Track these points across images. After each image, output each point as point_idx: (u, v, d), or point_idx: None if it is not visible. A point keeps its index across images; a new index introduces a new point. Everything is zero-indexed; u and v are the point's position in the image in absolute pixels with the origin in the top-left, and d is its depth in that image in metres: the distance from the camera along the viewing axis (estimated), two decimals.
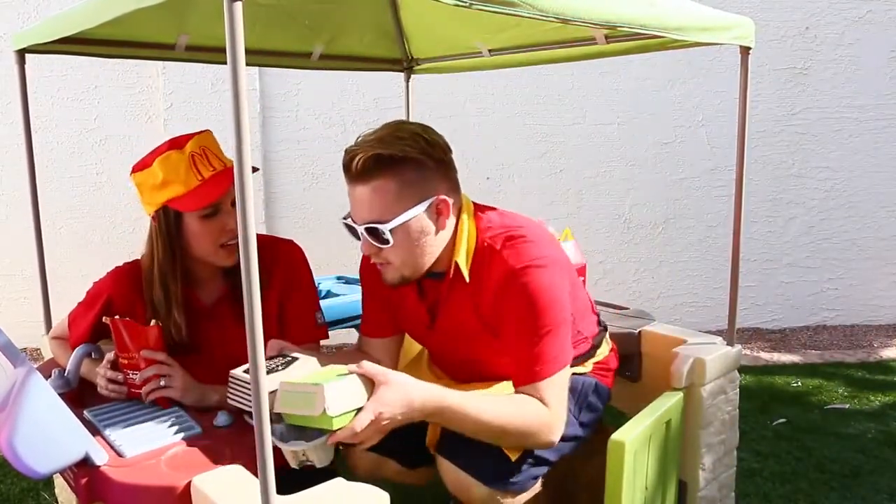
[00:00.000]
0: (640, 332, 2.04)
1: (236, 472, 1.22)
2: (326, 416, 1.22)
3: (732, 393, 1.95)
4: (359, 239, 1.48)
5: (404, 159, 1.40)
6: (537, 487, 1.54)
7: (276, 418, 1.29)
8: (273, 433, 1.25)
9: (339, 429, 1.24)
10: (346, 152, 1.43)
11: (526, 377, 1.44)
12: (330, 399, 1.23)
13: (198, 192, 1.52)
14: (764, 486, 2.38)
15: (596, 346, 1.75)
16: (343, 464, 1.72)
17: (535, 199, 3.97)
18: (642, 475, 1.68)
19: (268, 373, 1.30)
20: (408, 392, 1.31)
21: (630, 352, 2.02)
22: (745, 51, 1.84)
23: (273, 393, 1.28)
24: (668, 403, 1.76)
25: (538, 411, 1.42)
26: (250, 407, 1.31)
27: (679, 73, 3.97)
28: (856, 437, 2.76)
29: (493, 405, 1.40)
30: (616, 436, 1.59)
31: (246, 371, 1.36)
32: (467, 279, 1.51)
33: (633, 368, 2.04)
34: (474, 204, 1.60)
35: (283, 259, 1.71)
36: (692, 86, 3.99)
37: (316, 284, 1.91)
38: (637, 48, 1.98)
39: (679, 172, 4.09)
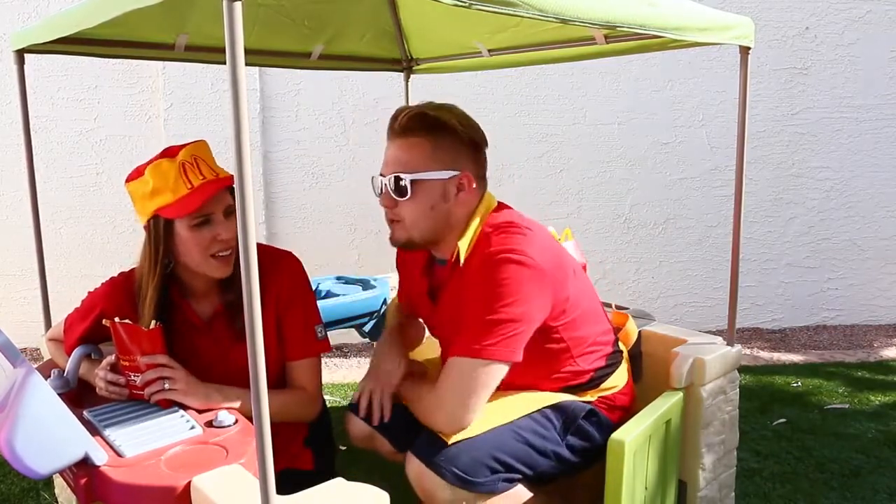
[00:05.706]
0: (640, 332, 2.03)
1: (236, 472, 1.22)
2: None
3: (732, 393, 1.95)
4: (380, 195, 1.58)
5: (445, 126, 1.55)
6: (517, 493, 1.54)
7: None
8: None
9: None
10: (395, 111, 1.56)
11: (461, 349, 1.47)
12: None
13: (185, 199, 1.51)
14: (764, 486, 2.38)
15: (597, 379, 1.72)
16: (342, 463, 1.73)
17: (535, 199, 3.97)
18: (642, 475, 1.68)
19: None
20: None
21: (630, 352, 2.02)
22: (745, 51, 1.84)
23: None
24: (667, 403, 1.76)
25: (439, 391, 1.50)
26: None
27: (679, 73, 3.97)
28: (856, 437, 2.76)
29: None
30: (616, 435, 1.59)
31: None
32: (461, 262, 1.56)
33: (634, 368, 2.04)
34: (499, 203, 1.65)
35: (283, 272, 1.69)
36: (692, 86, 3.99)
37: (315, 291, 1.92)
38: (637, 48, 1.98)
39: (679, 172, 4.09)
